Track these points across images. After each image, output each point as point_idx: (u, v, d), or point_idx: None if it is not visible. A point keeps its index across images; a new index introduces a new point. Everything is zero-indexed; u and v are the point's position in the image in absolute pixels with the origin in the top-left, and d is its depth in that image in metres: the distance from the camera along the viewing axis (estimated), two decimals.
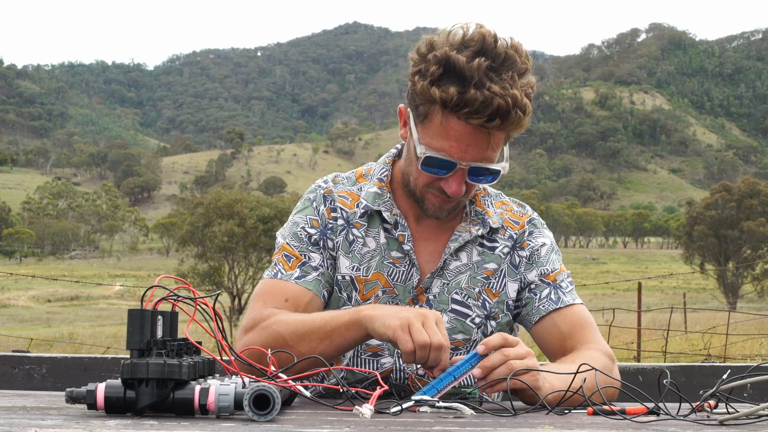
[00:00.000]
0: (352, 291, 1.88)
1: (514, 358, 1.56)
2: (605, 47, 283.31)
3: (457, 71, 1.69)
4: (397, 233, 1.89)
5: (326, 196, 1.95)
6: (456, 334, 1.88)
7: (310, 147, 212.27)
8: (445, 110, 1.71)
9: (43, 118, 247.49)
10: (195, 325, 1.42)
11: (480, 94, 1.67)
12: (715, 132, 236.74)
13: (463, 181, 1.78)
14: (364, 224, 1.91)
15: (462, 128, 1.72)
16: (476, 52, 1.69)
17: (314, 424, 1.25)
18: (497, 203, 1.99)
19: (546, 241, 1.98)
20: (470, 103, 1.68)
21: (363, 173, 1.99)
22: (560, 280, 1.93)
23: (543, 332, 1.90)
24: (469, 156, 1.74)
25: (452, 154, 1.74)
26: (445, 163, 1.76)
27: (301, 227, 1.92)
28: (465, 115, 1.69)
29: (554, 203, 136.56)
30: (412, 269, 1.89)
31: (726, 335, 11.84)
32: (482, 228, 1.92)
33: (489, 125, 1.70)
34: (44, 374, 2.43)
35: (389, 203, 1.91)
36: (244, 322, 1.85)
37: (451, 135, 1.73)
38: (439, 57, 1.70)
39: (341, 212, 1.92)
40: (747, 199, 48.02)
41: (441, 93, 1.69)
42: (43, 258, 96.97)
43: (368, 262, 1.89)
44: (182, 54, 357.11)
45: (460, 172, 1.77)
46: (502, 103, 1.67)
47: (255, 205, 35.96)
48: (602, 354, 1.82)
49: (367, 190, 1.93)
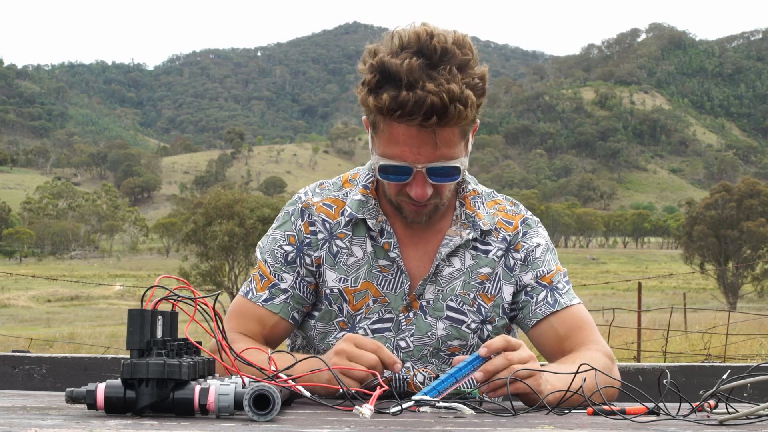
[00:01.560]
0: (342, 303, 1.88)
1: (517, 363, 1.55)
2: (605, 47, 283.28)
3: (392, 75, 1.67)
4: (383, 241, 1.87)
5: (304, 210, 1.92)
6: (452, 340, 1.87)
7: (310, 147, 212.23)
8: (386, 117, 1.70)
9: (43, 118, 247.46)
10: (195, 325, 1.42)
11: (412, 95, 1.64)
12: (715, 132, 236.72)
13: (426, 184, 1.75)
14: (349, 233, 1.89)
15: (406, 131, 1.70)
16: (413, 53, 1.67)
17: (314, 424, 1.24)
18: (489, 203, 1.96)
19: (541, 241, 1.95)
20: (403, 105, 1.65)
21: (349, 178, 1.97)
22: (556, 281, 1.91)
23: (541, 335, 1.89)
24: (422, 158, 1.72)
25: (405, 159, 1.72)
26: (400, 168, 1.74)
27: (278, 245, 1.92)
28: (402, 118, 1.67)
29: (554, 203, 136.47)
30: (401, 276, 1.87)
31: (726, 335, 11.84)
32: (473, 231, 1.89)
33: (427, 124, 1.67)
34: (44, 374, 2.43)
35: (374, 210, 1.88)
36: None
37: (399, 140, 1.71)
38: (375, 65, 1.69)
39: (323, 224, 1.91)
40: (747, 199, 48.05)
41: (375, 101, 1.68)
42: (43, 258, 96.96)
43: (356, 272, 1.87)
44: (182, 54, 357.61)
45: (419, 176, 1.74)
46: (435, 100, 1.64)
47: (255, 205, 35.99)
48: (601, 354, 1.81)
49: (351, 197, 1.91)
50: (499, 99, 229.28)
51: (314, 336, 1.92)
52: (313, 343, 1.93)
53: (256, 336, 1.88)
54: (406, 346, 1.86)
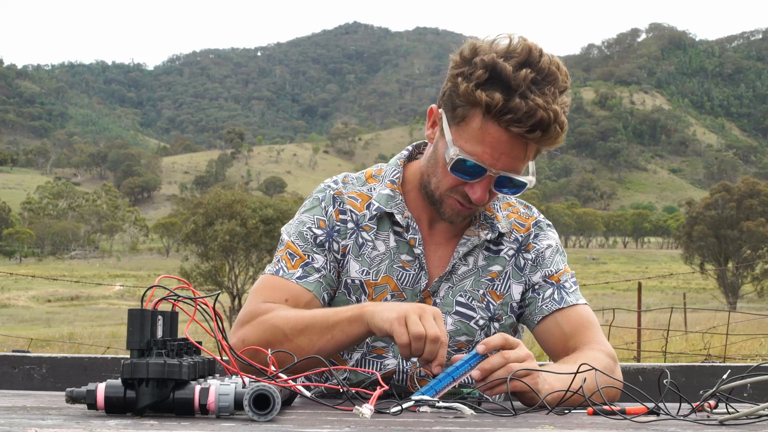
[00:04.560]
0: (361, 294, 1.88)
1: (514, 361, 1.56)
2: (605, 47, 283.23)
3: (503, 79, 1.68)
4: (409, 236, 1.88)
5: (336, 197, 1.92)
6: (460, 336, 1.88)
7: (310, 147, 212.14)
8: (487, 115, 1.70)
9: (43, 118, 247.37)
10: (195, 325, 1.42)
11: (524, 104, 1.66)
12: (715, 132, 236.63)
13: (488, 189, 1.77)
14: (374, 227, 1.90)
15: (500, 135, 1.71)
16: (521, 63, 1.69)
17: (314, 424, 1.25)
18: (504, 205, 1.98)
19: (551, 242, 1.97)
20: (514, 111, 1.67)
21: (373, 174, 1.97)
22: (564, 280, 1.93)
23: (546, 332, 1.90)
24: (500, 164, 1.74)
25: (484, 160, 1.73)
26: (476, 168, 1.74)
27: (307, 227, 1.90)
28: (507, 123, 1.69)
29: (554, 203, 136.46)
30: (421, 273, 1.88)
31: (726, 335, 11.84)
32: (491, 233, 1.91)
33: (529, 136, 1.70)
34: (44, 374, 2.44)
35: (401, 206, 1.89)
36: (241, 315, 1.83)
37: (487, 140, 1.72)
38: (486, 62, 1.69)
39: (351, 214, 1.91)
40: (747, 199, 48.04)
41: (486, 97, 1.68)
42: (43, 258, 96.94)
43: (378, 265, 1.88)
44: (182, 54, 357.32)
45: (487, 179, 1.76)
46: (544, 116, 1.67)
47: (258, 206, 35.98)
48: (604, 354, 1.82)
49: (379, 191, 1.91)
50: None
51: None
52: None
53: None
54: None
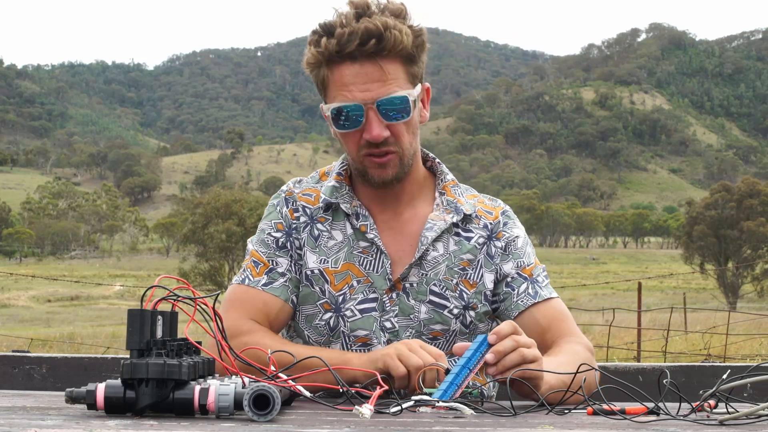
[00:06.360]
0: (323, 284, 1.90)
1: (523, 346, 1.58)
2: (605, 47, 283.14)
3: (330, 26, 1.78)
4: (359, 223, 1.91)
5: (287, 198, 1.98)
6: (434, 324, 1.90)
7: (310, 147, 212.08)
8: (329, 63, 1.79)
9: (43, 118, 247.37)
10: (195, 325, 1.42)
11: (347, 29, 1.74)
12: (715, 132, 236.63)
13: (381, 124, 1.79)
14: (329, 218, 1.93)
15: (348, 69, 1.77)
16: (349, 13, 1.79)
17: (314, 424, 1.24)
18: (468, 195, 2.01)
19: (520, 233, 2.00)
20: (339, 38, 1.75)
21: (326, 171, 2.02)
22: (536, 274, 1.96)
23: (523, 326, 1.88)
24: (370, 94, 1.77)
25: (354, 98, 1.78)
26: (351, 109, 1.79)
27: (267, 233, 1.95)
28: (341, 54, 1.75)
29: (554, 203, 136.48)
30: (381, 256, 1.90)
31: (726, 335, 11.85)
32: (456, 215, 1.93)
33: (365, 49, 1.75)
34: (44, 374, 2.44)
35: (347, 195, 1.93)
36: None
37: (343, 82, 1.78)
38: (314, 29, 1.81)
39: (304, 210, 1.95)
40: (747, 199, 48.08)
41: (315, 48, 1.79)
42: (43, 258, 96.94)
43: (336, 254, 1.91)
44: (182, 54, 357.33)
45: (371, 114, 1.79)
46: (370, 26, 1.74)
47: (255, 205, 36.02)
48: (584, 348, 1.87)
49: (325, 184, 1.96)
50: (499, 99, 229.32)
51: (300, 320, 1.93)
52: (299, 328, 1.94)
53: (262, 323, 1.88)
54: (391, 327, 1.89)
